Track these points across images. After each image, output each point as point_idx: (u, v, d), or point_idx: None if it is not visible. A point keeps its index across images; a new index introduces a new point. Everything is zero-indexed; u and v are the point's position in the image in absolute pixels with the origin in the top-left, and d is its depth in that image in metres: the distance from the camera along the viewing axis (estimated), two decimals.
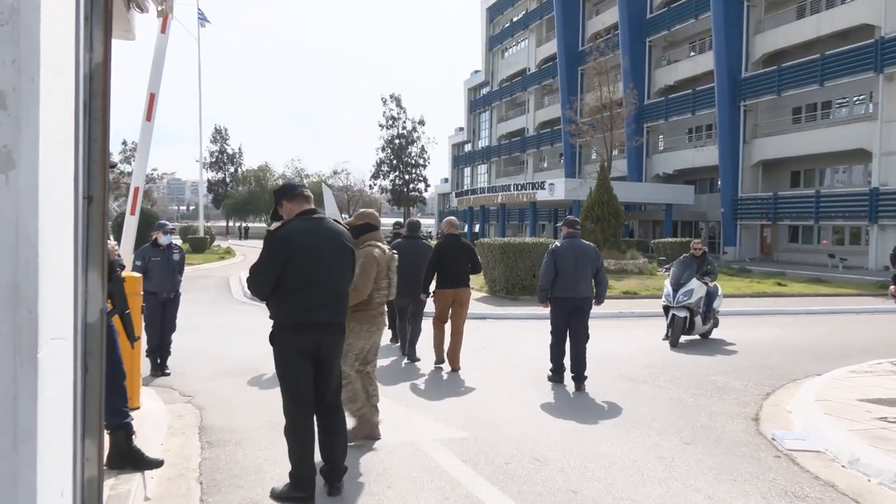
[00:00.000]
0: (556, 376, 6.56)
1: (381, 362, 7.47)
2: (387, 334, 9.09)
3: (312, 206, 3.60)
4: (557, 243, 6.58)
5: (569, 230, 6.61)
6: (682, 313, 8.86)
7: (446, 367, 7.20)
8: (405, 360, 7.52)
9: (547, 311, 6.62)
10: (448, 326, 7.27)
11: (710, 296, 9.16)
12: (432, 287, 7.23)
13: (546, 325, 7.45)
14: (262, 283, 3.44)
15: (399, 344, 8.06)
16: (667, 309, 9.13)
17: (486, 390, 6.26)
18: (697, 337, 9.35)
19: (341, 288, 3.55)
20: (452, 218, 7.36)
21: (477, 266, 7.23)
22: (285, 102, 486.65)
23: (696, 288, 8.96)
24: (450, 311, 7.10)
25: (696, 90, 34.85)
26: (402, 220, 8.57)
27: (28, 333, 1.83)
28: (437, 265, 7.05)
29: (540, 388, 6.36)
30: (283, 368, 3.48)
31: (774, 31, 31.28)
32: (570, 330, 6.41)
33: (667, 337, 9.14)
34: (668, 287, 9.19)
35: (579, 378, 6.28)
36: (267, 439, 4.61)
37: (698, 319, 8.97)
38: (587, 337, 6.39)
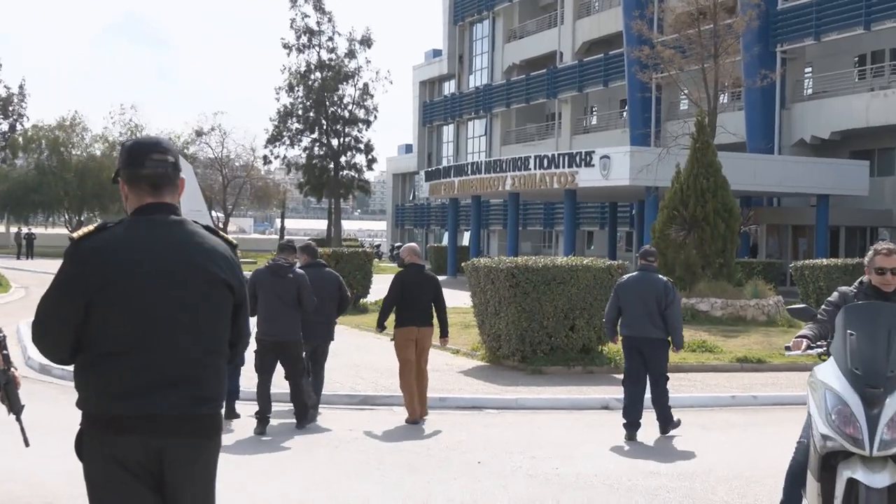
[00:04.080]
0: (629, 430, 9.74)
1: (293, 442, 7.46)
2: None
3: (165, 200, 3.59)
4: (625, 277, 10.32)
5: (641, 262, 10.20)
6: (885, 479, 5.55)
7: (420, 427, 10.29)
8: (300, 427, 9.96)
9: (590, 395, 10.83)
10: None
11: None
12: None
13: (594, 415, 11.40)
14: (49, 335, 3.46)
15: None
16: (828, 460, 5.77)
17: None
18: None
19: (202, 351, 3.53)
20: (414, 245, 11.00)
21: (441, 305, 10.72)
22: (112, 7, 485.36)
23: None
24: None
25: None
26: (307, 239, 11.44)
27: None
28: (399, 298, 10.42)
29: None
30: (97, 502, 3.47)
31: None
32: (648, 374, 9.95)
33: None
34: (829, 385, 5.84)
35: (665, 423, 9.90)
36: None
37: None
38: (666, 378, 9.95)
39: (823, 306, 6.51)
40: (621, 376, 13.50)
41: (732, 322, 19.72)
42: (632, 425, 9.79)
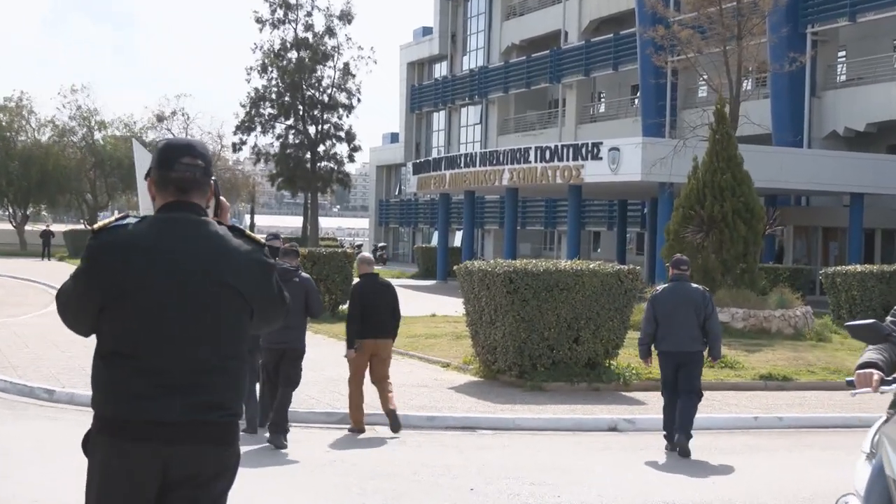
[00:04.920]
0: (669, 443, 10.45)
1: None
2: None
3: (189, 199, 3.79)
4: (659, 288, 11.08)
5: (674, 271, 10.82)
6: None
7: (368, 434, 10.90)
8: (266, 442, 10.10)
9: (596, 415, 11.31)
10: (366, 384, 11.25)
11: None
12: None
13: (600, 437, 11.66)
14: (68, 313, 3.77)
15: (248, 417, 10.55)
16: None
17: None
18: None
19: (214, 356, 3.69)
20: (366, 255, 11.88)
21: (398, 315, 11.38)
22: None
23: None
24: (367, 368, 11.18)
25: None
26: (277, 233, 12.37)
27: None
28: (360, 312, 11.00)
29: None
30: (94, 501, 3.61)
31: None
32: (680, 389, 10.44)
33: None
34: None
35: (682, 435, 10.17)
36: None
37: None
38: (699, 395, 10.53)
39: (890, 318, 5.24)
40: (630, 394, 13.68)
41: (755, 335, 19.77)
42: (671, 436, 10.45)
